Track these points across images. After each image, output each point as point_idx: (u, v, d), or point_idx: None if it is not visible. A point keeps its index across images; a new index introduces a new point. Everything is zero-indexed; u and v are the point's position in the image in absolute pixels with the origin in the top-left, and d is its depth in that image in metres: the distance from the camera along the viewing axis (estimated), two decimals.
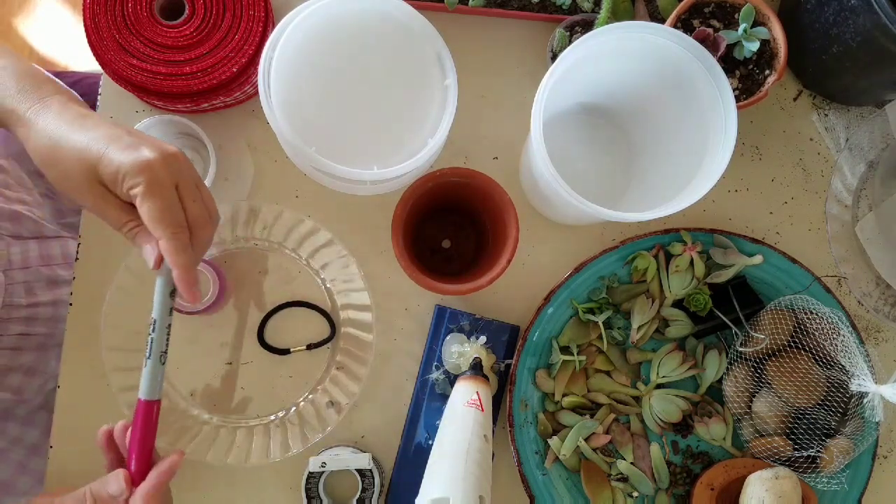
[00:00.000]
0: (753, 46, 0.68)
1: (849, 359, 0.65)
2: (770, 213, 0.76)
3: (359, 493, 0.68)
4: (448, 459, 0.57)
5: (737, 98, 0.68)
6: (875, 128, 0.74)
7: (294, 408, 0.71)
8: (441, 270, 0.73)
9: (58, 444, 0.70)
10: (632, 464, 0.69)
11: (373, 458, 0.69)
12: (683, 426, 0.71)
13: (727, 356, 0.70)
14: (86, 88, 0.87)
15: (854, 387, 0.64)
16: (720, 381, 0.70)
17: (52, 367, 0.79)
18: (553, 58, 0.72)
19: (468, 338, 0.70)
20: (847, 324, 0.70)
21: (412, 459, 0.70)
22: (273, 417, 0.71)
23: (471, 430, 0.59)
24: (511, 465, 0.69)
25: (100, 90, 0.73)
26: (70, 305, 0.71)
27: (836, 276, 0.75)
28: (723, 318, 0.69)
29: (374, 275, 0.72)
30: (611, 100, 0.72)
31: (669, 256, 0.71)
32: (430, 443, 0.68)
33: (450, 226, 0.74)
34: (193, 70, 0.67)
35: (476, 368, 0.66)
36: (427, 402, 0.70)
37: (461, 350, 0.69)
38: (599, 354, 0.71)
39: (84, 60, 1.71)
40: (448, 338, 0.70)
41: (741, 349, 0.69)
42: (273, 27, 0.64)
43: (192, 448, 0.68)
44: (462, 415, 0.61)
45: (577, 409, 0.70)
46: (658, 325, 0.71)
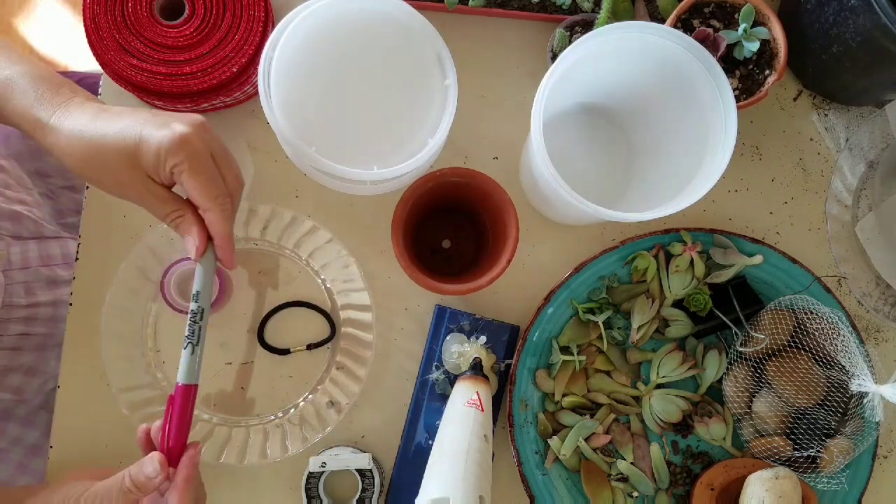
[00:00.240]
0: (753, 46, 0.68)
1: (849, 359, 0.65)
2: (770, 213, 0.76)
3: (359, 493, 0.68)
4: (448, 459, 0.57)
5: (737, 98, 0.68)
6: (875, 128, 0.74)
7: (294, 408, 0.71)
8: (441, 270, 0.73)
9: (58, 444, 0.70)
10: (632, 464, 0.69)
11: (373, 458, 0.69)
12: (683, 426, 0.71)
13: (727, 356, 0.70)
14: (86, 88, 0.87)
15: (854, 387, 0.64)
16: (720, 381, 0.70)
17: (52, 367, 0.79)
18: (553, 58, 0.72)
19: (468, 338, 0.70)
20: (847, 324, 0.70)
21: (412, 459, 0.70)
22: (273, 417, 0.71)
23: (471, 430, 0.59)
24: (511, 465, 0.69)
25: (100, 90, 0.73)
26: (70, 305, 0.71)
27: (836, 276, 0.75)
28: (723, 318, 0.69)
29: (374, 275, 0.72)
30: (611, 100, 0.72)
31: (669, 256, 0.71)
32: (430, 443, 0.68)
33: (450, 226, 0.74)
34: (193, 70, 0.67)
35: (476, 368, 0.66)
36: (427, 402, 0.70)
37: (461, 350, 0.69)
38: (599, 354, 0.71)
39: (84, 60, 1.71)
40: (448, 338, 0.70)
41: (741, 349, 0.68)
42: (273, 27, 0.64)
43: None
44: (462, 415, 0.61)
45: (577, 409, 0.70)
46: (658, 325, 0.71)
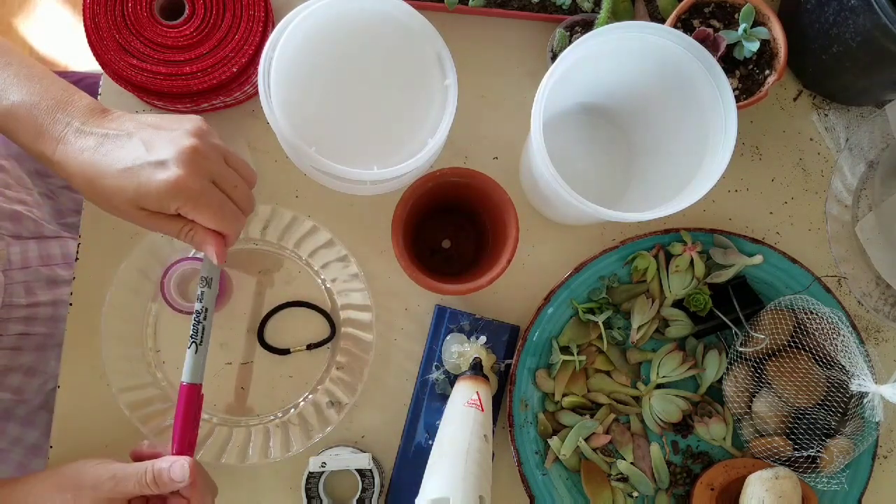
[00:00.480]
0: (753, 46, 0.68)
1: (849, 359, 0.65)
2: (770, 213, 0.76)
3: (359, 493, 0.68)
4: (448, 459, 0.57)
5: (737, 98, 0.68)
6: (875, 128, 0.74)
7: (294, 408, 0.71)
8: (441, 270, 0.73)
9: (58, 444, 0.70)
10: (632, 464, 0.69)
11: (373, 458, 0.69)
12: (683, 426, 0.71)
13: (727, 356, 0.70)
14: (86, 88, 0.86)
15: (854, 387, 0.64)
16: (720, 381, 0.70)
17: (52, 367, 0.79)
18: (553, 58, 0.72)
19: (468, 338, 0.70)
20: (847, 324, 0.70)
21: (412, 459, 0.70)
22: (273, 417, 0.71)
23: (471, 430, 0.59)
24: (511, 465, 0.69)
25: (100, 90, 0.73)
26: (70, 305, 0.71)
27: (836, 276, 0.75)
28: (723, 318, 0.69)
29: (374, 275, 0.72)
30: (611, 100, 0.72)
31: (669, 256, 0.71)
32: (430, 443, 0.68)
33: (450, 226, 0.74)
34: (193, 70, 0.67)
35: (476, 368, 0.66)
36: (427, 402, 0.70)
37: (461, 350, 0.69)
38: (599, 354, 0.71)
39: (84, 60, 1.71)
40: (448, 338, 0.70)
41: (741, 349, 0.68)
42: (273, 27, 0.64)
43: None
44: (462, 415, 0.61)
45: (577, 409, 0.70)
46: (658, 325, 0.71)
